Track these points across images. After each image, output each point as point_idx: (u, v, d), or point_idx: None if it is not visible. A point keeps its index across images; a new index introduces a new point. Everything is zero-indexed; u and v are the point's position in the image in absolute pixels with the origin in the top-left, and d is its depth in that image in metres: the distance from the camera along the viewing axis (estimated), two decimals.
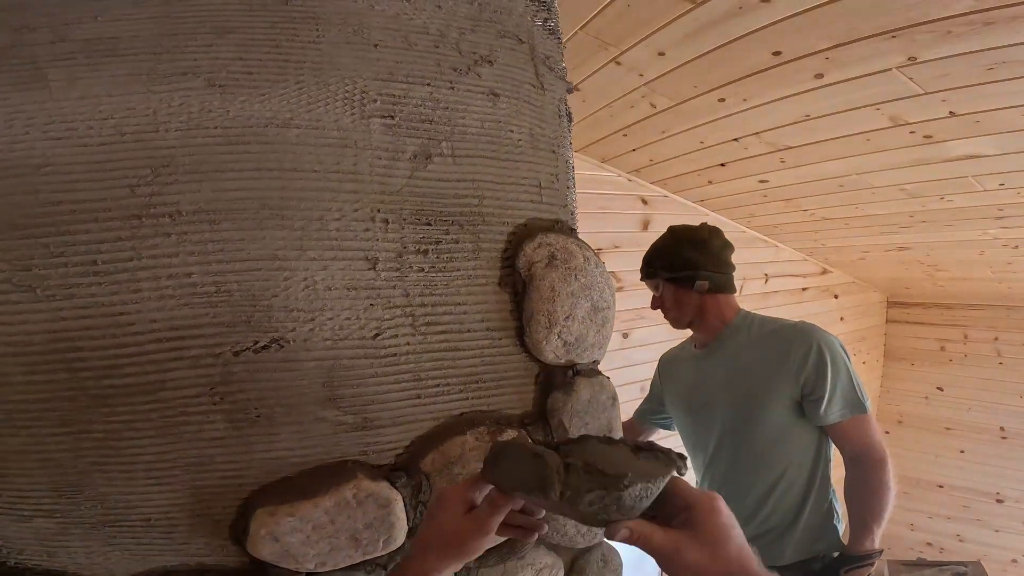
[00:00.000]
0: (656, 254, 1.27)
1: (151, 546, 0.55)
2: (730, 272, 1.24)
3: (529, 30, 0.72)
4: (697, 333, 1.30)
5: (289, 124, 0.56)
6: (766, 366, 1.13)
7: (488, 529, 0.46)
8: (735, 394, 1.17)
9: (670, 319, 1.29)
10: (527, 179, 0.69)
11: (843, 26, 1.03)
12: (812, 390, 1.08)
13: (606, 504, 0.40)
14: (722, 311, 1.24)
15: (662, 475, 0.41)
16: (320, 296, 0.55)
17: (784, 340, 1.13)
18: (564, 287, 0.66)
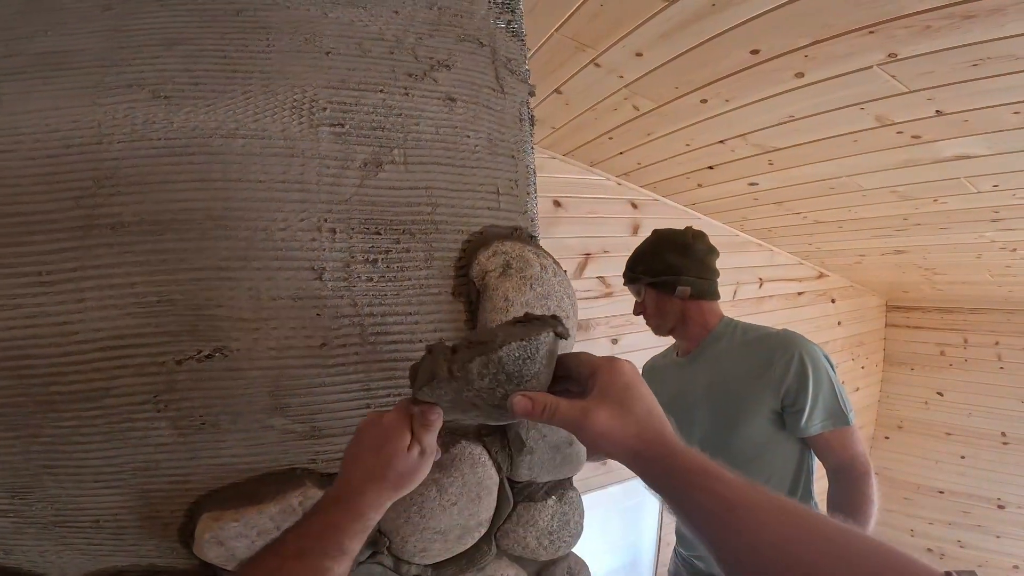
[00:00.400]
0: (638, 258, 1.26)
1: (101, 546, 0.56)
2: (714, 278, 1.23)
3: (491, 33, 0.72)
4: (679, 340, 1.29)
5: (235, 134, 0.56)
6: (747, 375, 1.11)
7: (430, 449, 0.47)
8: (715, 403, 1.16)
9: (652, 326, 1.28)
10: (484, 185, 0.69)
11: (819, 22, 1.02)
12: (793, 401, 1.06)
13: (495, 375, 0.41)
14: (705, 318, 1.22)
15: (536, 333, 0.42)
16: (265, 306, 0.55)
17: (766, 349, 1.11)
18: (518, 297, 0.66)
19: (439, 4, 0.69)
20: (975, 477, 3.09)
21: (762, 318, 2.67)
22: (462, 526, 0.67)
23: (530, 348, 0.41)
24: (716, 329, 1.22)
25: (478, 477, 0.67)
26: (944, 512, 3.23)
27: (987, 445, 3.04)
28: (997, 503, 3.03)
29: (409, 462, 0.47)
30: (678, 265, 1.18)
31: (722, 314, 1.25)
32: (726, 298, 2.53)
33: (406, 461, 0.47)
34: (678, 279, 1.18)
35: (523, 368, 0.41)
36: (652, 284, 1.21)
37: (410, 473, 0.47)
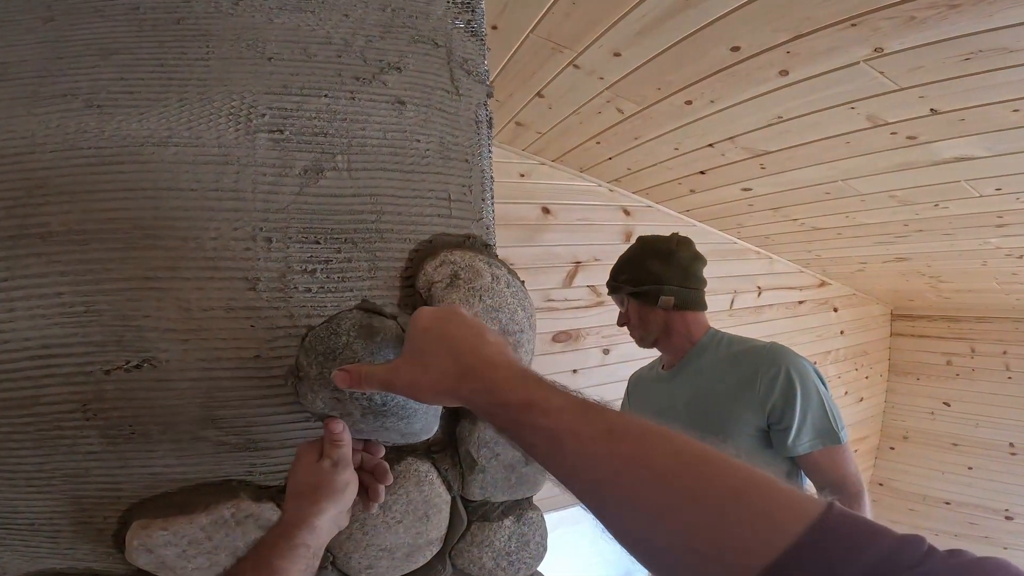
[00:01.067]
0: (621, 267, 1.23)
1: (38, 549, 0.57)
2: (700, 287, 1.18)
3: (448, 33, 0.70)
4: (664, 353, 1.25)
5: (166, 142, 0.56)
6: (730, 391, 1.07)
7: (343, 461, 0.50)
8: (697, 420, 1.12)
9: (635, 337, 1.24)
10: (434, 192, 0.68)
11: (799, 15, 0.98)
12: (779, 419, 1.01)
13: (319, 362, 0.47)
14: (689, 329, 1.18)
15: (335, 311, 0.49)
16: (195, 317, 0.55)
17: (750, 363, 1.07)
18: (465, 309, 0.64)
19: (392, 5, 0.67)
20: (982, 488, 3.01)
21: (761, 328, 2.61)
22: (410, 544, 0.66)
23: (331, 325, 0.48)
24: (700, 341, 1.17)
25: (424, 495, 0.66)
26: (950, 523, 3.15)
27: (995, 456, 2.96)
28: (1005, 514, 2.94)
29: (319, 474, 0.49)
30: (660, 274, 1.15)
31: (708, 325, 1.21)
32: (722, 307, 2.48)
33: (316, 473, 0.49)
34: (660, 288, 1.14)
35: (332, 343, 0.47)
36: (634, 294, 1.18)
37: (323, 485, 0.49)
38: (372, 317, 0.52)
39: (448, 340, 0.38)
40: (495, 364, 0.36)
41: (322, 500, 0.48)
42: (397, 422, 0.56)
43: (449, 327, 0.39)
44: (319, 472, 0.49)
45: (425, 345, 0.39)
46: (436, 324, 0.39)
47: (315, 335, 0.49)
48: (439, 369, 0.37)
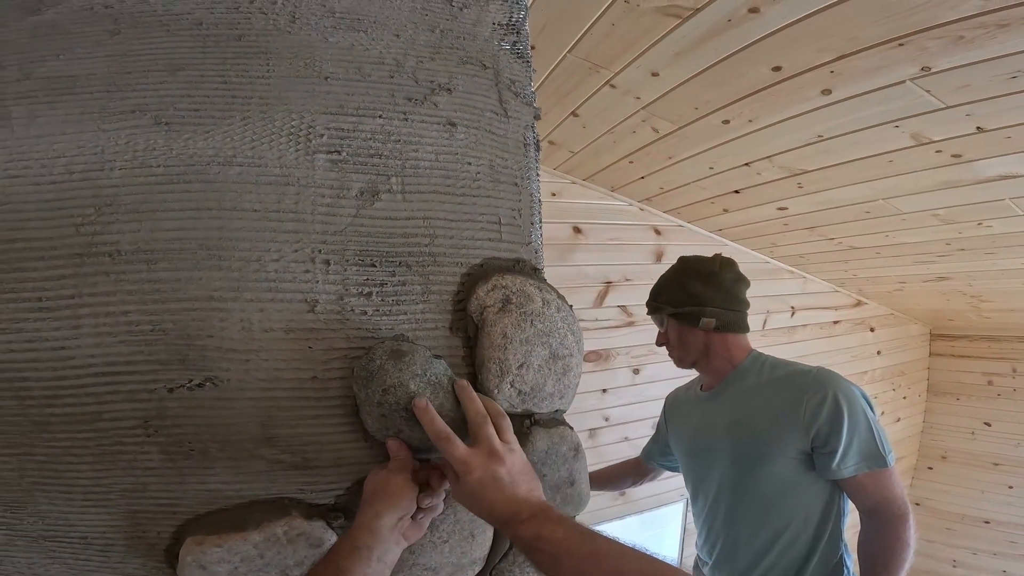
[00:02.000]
0: (662, 287, 1.22)
1: (88, 562, 0.58)
2: (742, 309, 1.17)
3: (495, 55, 0.71)
4: (703, 374, 1.24)
5: (231, 162, 0.57)
6: (773, 414, 1.06)
7: (401, 466, 0.56)
8: (737, 442, 1.11)
9: (674, 358, 1.23)
10: (485, 215, 0.68)
11: (844, 35, 0.97)
12: (824, 443, 1.00)
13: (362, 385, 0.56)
14: (730, 352, 1.16)
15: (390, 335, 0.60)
16: (256, 337, 0.56)
17: (795, 387, 1.06)
18: (517, 333, 0.64)
19: (441, 27, 0.68)
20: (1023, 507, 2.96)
21: (794, 348, 2.58)
22: (454, 564, 0.67)
23: (369, 354, 0.56)
24: (742, 364, 1.16)
25: (471, 515, 0.66)
26: (990, 543, 3.11)
27: None
28: None
29: (376, 480, 0.55)
30: (702, 295, 1.13)
31: (750, 348, 1.20)
32: (755, 328, 2.45)
33: (374, 480, 0.55)
34: (702, 310, 1.12)
35: (369, 367, 0.55)
36: (675, 315, 1.16)
37: (378, 490, 0.54)
38: (400, 343, 0.59)
39: (485, 503, 0.51)
40: (516, 512, 0.49)
41: (377, 503, 0.53)
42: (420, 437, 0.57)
43: (486, 492, 0.50)
44: (376, 478, 0.55)
45: (468, 498, 0.53)
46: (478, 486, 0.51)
47: (358, 364, 0.57)
48: (478, 510, 0.53)
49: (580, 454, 0.73)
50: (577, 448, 0.73)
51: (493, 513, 0.50)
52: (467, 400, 0.56)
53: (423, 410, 0.53)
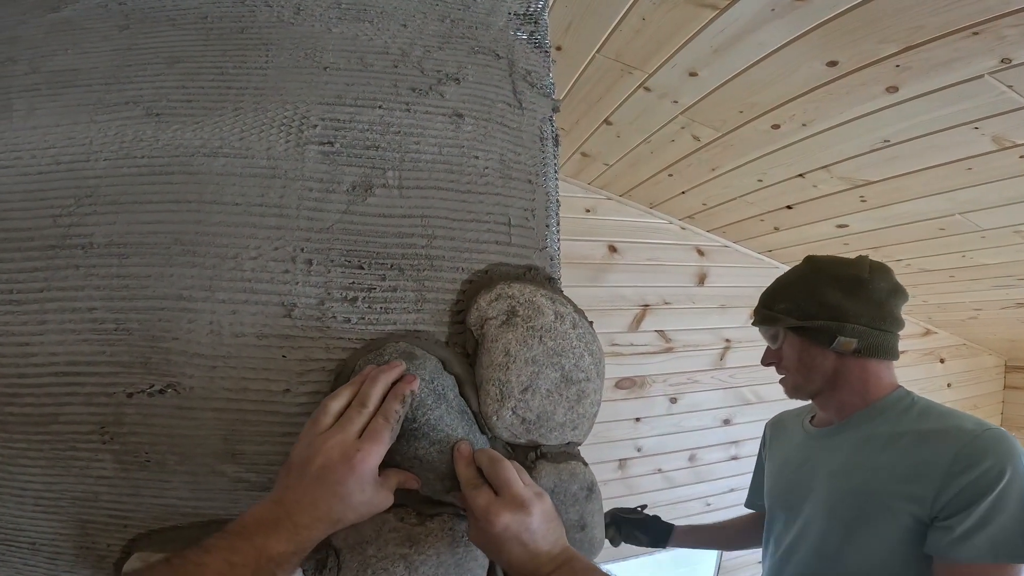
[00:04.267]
0: (782, 291, 0.97)
1: (36, 568, 0.56)
2: (894, 330, 0.92)
3: (509, 44, 0.67)
4: (822, 409, 0.98)
5: (217, 153, 0.55)
6: (905, 472, 0.81)
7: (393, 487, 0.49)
8: (841, 494, 0.87)
9: (787, 385, 0.97)
10: (492, 215, 0.62)
11: (908, 24, 0.86)
12: (950, 514, 0.77)
13: None
14: (867, 384, 0.90)
15: None
16: (225, 342, 0.52)
17: (946, 449, 0.79)
18: (522, 351, 0.57)
19: (452, 16, 0.65)
20: None
21: None
22: None
23: (380, 350, 0.52)
24: (880, 401, 0.90)
25: (458, 559, 0.58)
26: None
27: None
28: None
29: (373, 503, 0.45)
30: (843, 307, 0.89)
31: (896, 382, 0.93)
32: None
33: (371, 505, 0.45)
34: (842, 326, 0.88)
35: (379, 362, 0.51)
36: (799, 329, 0.92)
37: (368, 511, 0.46)
38: (413, 348, 0.53)
39: (505, 554, 0.47)
40: (538, 568, 0.47)
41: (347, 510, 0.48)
42: (428, 447, 0.51)
43: (508, 545, 0.47)
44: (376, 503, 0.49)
45: (486, 546, 0.49)
46: (499, 539, 0.47)
47: (366, 360, 0.51)
48: (495, 558, 0.50)
49: (594, 494, 0.63)
50: (591, 487, 0.63)
51: (512, 565, 0.47)
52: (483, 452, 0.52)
53: (463, 455, 0.50)
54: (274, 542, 0.40)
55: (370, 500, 0.44)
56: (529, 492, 0.48)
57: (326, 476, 0.42)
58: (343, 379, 0.53)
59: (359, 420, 0.44)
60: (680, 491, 2.16)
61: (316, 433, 0.44)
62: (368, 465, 0.43)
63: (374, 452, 0.43)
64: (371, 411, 0.45)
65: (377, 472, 0.45)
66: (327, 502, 0.42)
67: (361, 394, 0.46)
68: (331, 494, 0.42)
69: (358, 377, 0.48)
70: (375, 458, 0.44)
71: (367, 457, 0.43)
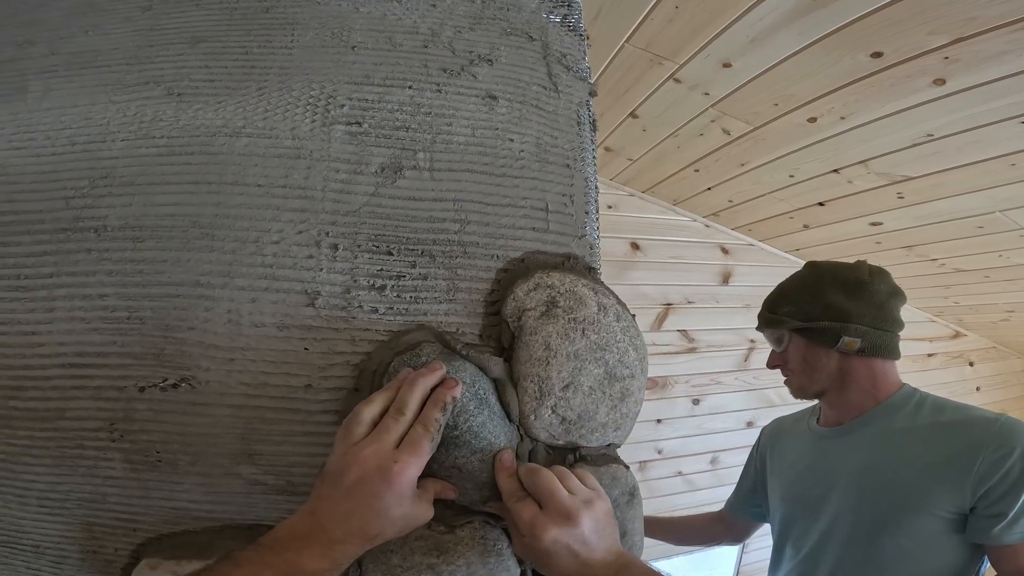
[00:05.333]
0: (785, 295, 1.02)
1: (40, 572, 0.53)
2: (896, 331, 0.97)
3: (543, 27, 0.64)
4: (829, 408, 1.03)
5: (239, 133, 0.52)
6: (932, 464, 0.87)
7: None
8: (870, 491, 0.92)
9: (792, 385, 1.02)
10: (529, 200, 0.58)
11: (960, 15, 0.84)
12: (992, 505, 0.83)
13: None
14: (875, 382, 0.96)
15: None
16: (244, 333, 0.48)
17: (970, 440, 0.86)
18: (564, 346, 0.53)
19: None
20: None
21: None
22: None
23: (417, 349, 0.49)
24: (891, 399, 0.95)
25: (489, 569, 0.53)
26: None
27: None
28: None
29: (413, 517, 0.42)
30: (846, 308, 0.94)
31: (901, 381, 0.99)
32: None
33: (412, 519, 0.42)
34: (845, 327, 0.93)
35: (414, 363, 0.47)
36: (804, 330, 0.97)
37: (408, 526, 0.43)
38: (449, 337, 0.51)
39: (555, 568, 0.44)
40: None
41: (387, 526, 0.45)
42: (470, 456, 0.47)
43: (557, 560, 0.43)
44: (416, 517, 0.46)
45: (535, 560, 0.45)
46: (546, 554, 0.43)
47: (401, 361, 0.48)
48: (546, 571, 0.45)
49: (635, 500, 0.59)
50: (632, 492, 0.59)
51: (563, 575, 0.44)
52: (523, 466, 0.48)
53: (505, 466, 0.47)
54: (307, 558, 0.37)
55: (409, 514, 0.41)
56: (576, 501, 0.45)
57: (361, 489, 0.39)
58: (367, 375, 0.49)
59: (396, 429, 0.41)
60: (701, 495, 2.09)
61: (350, 443, 0.40)
62: (406, 478, 0.40)
63: (413, 464, 0.40)
64: (409, 419, 0.42)
65: (415, 485, 0.41)
66: (362, 516, 0.39)
67: (398, 400, 0.42)
68: (367, 508, 0.39)
69: (394, 381, 0.44)
70: (414, 470, 0.40)
71: (405, 469, 0.39)
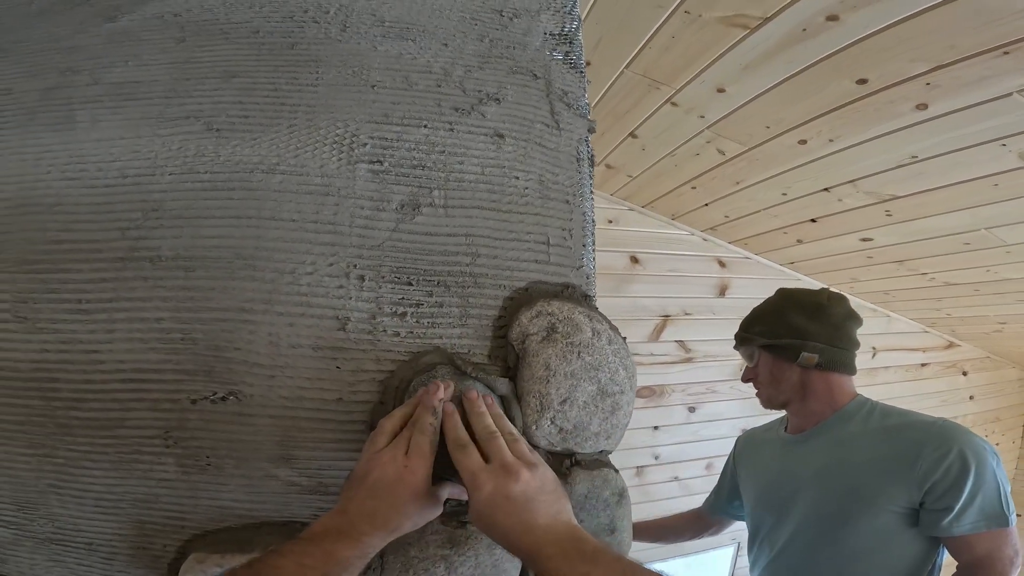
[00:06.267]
0: (756, 318, 1.18)
1: (91, 569, 0.59)
2: (851, 348, 1.12)
3: (546, 65, 0.70)
4: (794, 416, 1.18)
5: (274, 170, 0.58)
6: (881, 464, 1.00)
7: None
8: (828, 491, 1.05)
9: (762, 397, 1.18)
10: (532, 234, 0.65)
11: (940, 44, 0.91)
12: (938, 499, 0.95)
13: None
14: (832, 393, 1.10)
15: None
16: (283, 353, 0.55)
17: (912, 439, 0.99)
18: (562, 366, 0.61)
19: (490, 36, 0.68)
20: None
21: (876, 391, 2.44)
22: None
23: (433, 372, 0.55)
24: (846, 408, 1.09)
25: (495, 559, 0.62)
26: None
27: None
28: None
29: (425, 513, 0.49)
30: (805, 328, 1.09)
31: (855, 392, 1.13)
32: None
33: (423, 515, 0.49)
34: (803, 344, 1.08)
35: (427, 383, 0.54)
36: (769, 347, 1.12)
37: (420, 520, 0.50)
38: (464, 367, 0.58)
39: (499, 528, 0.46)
40: (539, 547, 0.44)
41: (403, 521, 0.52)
42: None
43: (498, 514, 0.46)
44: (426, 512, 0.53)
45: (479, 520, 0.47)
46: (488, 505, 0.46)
47: (419, 381, 0.55)
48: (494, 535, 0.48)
49: (624, 500, 0.68)
50: (621, 493, 0.68)
51: (511, 541, 0.46)
52: (475, 415, 0.52)
53: (448, 412, 0.51)
54: (340, 548, 0.45)
55: (422, 510, 0.49)
56: (516, 461, 0.48)
57: (381, 489, 0.47)
58: (390, 390, 0.57)
59: (407, 438, 0.50)
60: (696, 499, 2.20)
61: (373, 452, 0.49)
62: (417, 477, 0.48)
63: (419, 465, 0.48)
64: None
65: (427, 483, 0.49)
66: (384, 513, 0.47)
67: (415, 417, 0.51)
68: (387, 506, 0.47)
69: (412, 399, 0.53)
70: (422, 470, 0.48)
71: (415, 470, 0.47)
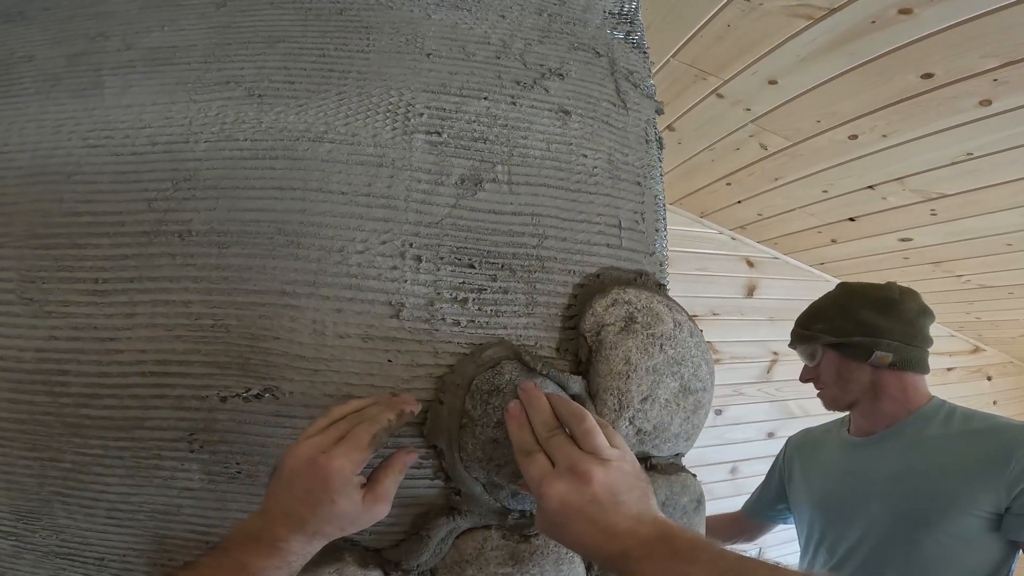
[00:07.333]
0: (817, 313, 1.10)
1: None
2: (925, 346, 1.05)
3: (608, 43, 0.65)
4: (861, 418, 1.10)
5: (322, 138, 0.52)
6: (967, 468, 0.94)
7: (388, 496, 0.43)
8: (906, 494, 0.98)
9: (826, 397, 1.10)
10: (603, 216, 0.59)
11: (1012, 40, 0.88)
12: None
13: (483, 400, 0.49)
14: (907, 394, 1.03)
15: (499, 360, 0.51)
16: (329, 344, 0.48)
17: (1003, 444, 0.94)
18: (644, 360, 0.53)
19: (549, 10, 0.63)
20: None
21: None
22: None
23: (499, 367, 0.49)
24: (922, 409, 1.03)
25: (562, 575, 0.54)
26: None
27: None
28: None
29: (353, 515, 0.41)
30: (878, 325, 1.02)
31: (930, 393, 1.06)
32: None
33: (350, 517, 0.41)
34: (877, 342, 1.01)
35: (496, 382, 0.48)
36: (836, 345, 1.05)
37: (352, 524, 0.41)
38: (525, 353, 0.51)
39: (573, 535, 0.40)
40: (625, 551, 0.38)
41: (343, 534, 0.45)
42: None
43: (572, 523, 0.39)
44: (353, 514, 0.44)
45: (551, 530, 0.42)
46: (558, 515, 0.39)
47: (481, 377, 0.49)
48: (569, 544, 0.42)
49: (701, 507, 0.61)
50: (700, 500, 0.61)
51: (589, 551, 0.39)
52: (532, 411, 0.43)
53: (513, 416, 0.43)
54: (254, 556, 0.38)
55: (351, 510, 0.40)
56: (588, 457, 0.40)
57: (293, 482, 0.39)
58: (451, 387, 0.50)
59: (345, 428, 0.41)
60: (720, 504, 2.12)
61: (300, 439, 0.41)
62: (332, 469, 0.38)
63: (340, 455, 0.39)
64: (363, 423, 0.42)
65: (353, 479, 0.40)
66: (298, 512, 0.39)
67: (366, 411, 0.42)
68: (300, 502, 0.39)
69: (379, 396, 0.46)
70: (342, 461, 0.39)
71: (331, 460, 0.38)
